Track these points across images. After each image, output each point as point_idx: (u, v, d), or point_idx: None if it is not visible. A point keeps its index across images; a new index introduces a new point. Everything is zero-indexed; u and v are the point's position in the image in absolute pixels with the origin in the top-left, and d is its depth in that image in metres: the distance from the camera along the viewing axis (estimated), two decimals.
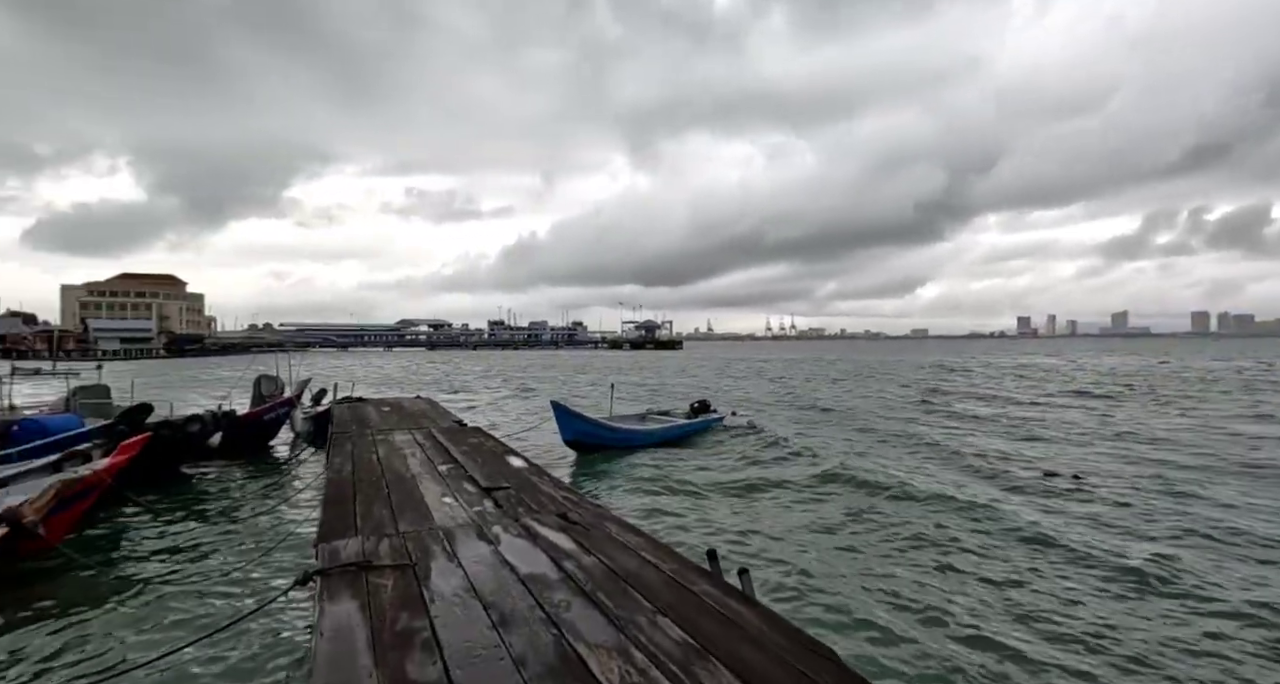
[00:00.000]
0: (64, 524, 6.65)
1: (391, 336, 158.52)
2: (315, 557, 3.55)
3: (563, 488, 5.40)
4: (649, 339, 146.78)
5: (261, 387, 14.73)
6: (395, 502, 4.78)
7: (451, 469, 6.09)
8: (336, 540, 3.77)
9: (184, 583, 5.11)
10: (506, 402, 22.68)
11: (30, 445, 8.47)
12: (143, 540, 6.59)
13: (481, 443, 7.69)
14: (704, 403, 16.32)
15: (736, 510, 7.08)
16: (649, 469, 9.62)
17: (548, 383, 31.98)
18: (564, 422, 11.15)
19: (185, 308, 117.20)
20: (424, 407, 12.52)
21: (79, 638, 4.17)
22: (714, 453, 11.45)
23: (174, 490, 9.30)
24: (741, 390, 26.36)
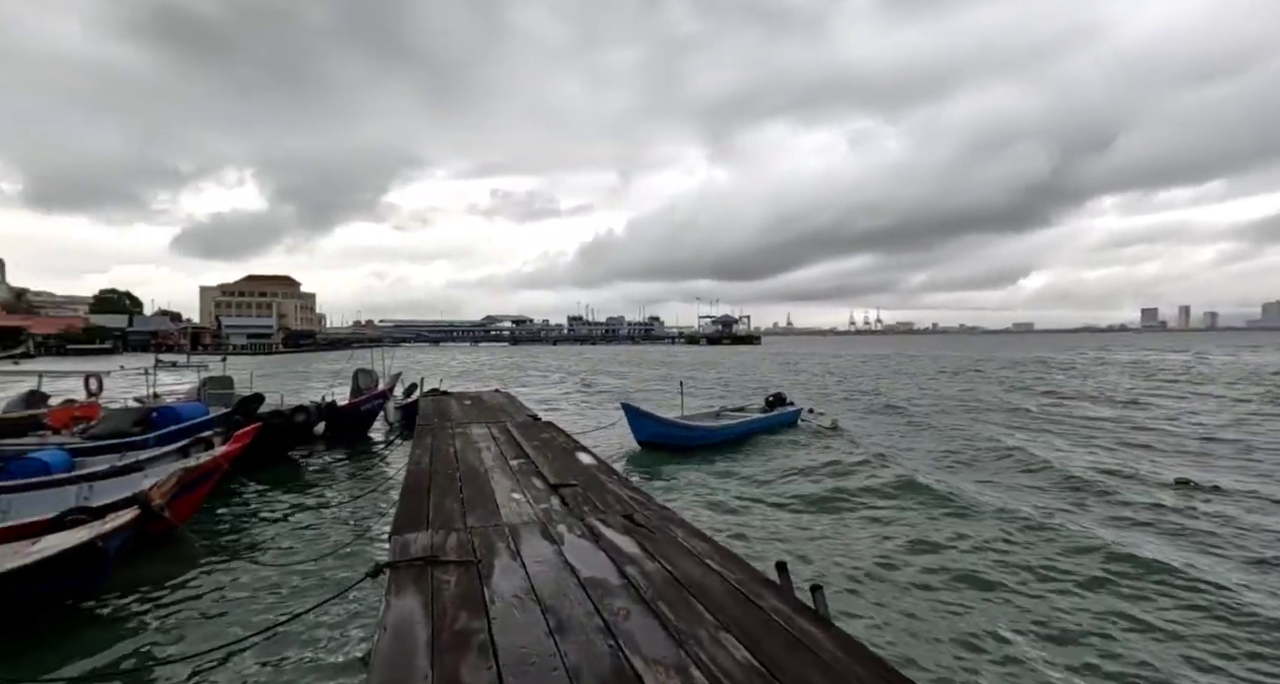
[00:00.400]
0: (188, 506, 7.41)
1: (478, 332, 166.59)
2: (389, 548, 3.68)
3: (630, 487, 5.32)
4: (725, 334, 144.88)
5: (359, 379, 15.88)
6: (466, 496, 4.90)
7: (522, 464, 6.19)
8: (408, 533, 3.90)
9: (281, 566, 5.51)
10: (580, 397, 23.10)
11: (165, 431, 9.49)
12: (250, 523, 7.21)
13: (553, 438, 7.79)
14: (779, 396, 15.78)
15: (810, 519, 6.64)
16: (719, 469, 9.40)
17: (620, 378, 32.31)
18: (636, 422, 11.16)
19: (299, 306, 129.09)
20: (502, 400, 12.95)
21: (185, 614, 4.58)
22: (787, 453, 11.00)
23: (282, 475, 10.15)
24: (818, 386, 25.33)
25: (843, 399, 20.67)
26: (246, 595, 4.81)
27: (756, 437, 12.86)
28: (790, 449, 11.43)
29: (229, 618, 4.42)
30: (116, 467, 7.70)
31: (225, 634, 4.05)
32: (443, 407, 11.78)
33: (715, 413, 15.18)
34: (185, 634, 4.23)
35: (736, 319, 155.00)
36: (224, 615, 4.48)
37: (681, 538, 3.97)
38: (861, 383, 27.46)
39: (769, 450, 11.25)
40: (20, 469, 7.48)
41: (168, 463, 7.73)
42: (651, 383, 29.05)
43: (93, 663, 3.86)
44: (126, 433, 9.42)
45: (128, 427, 9.57)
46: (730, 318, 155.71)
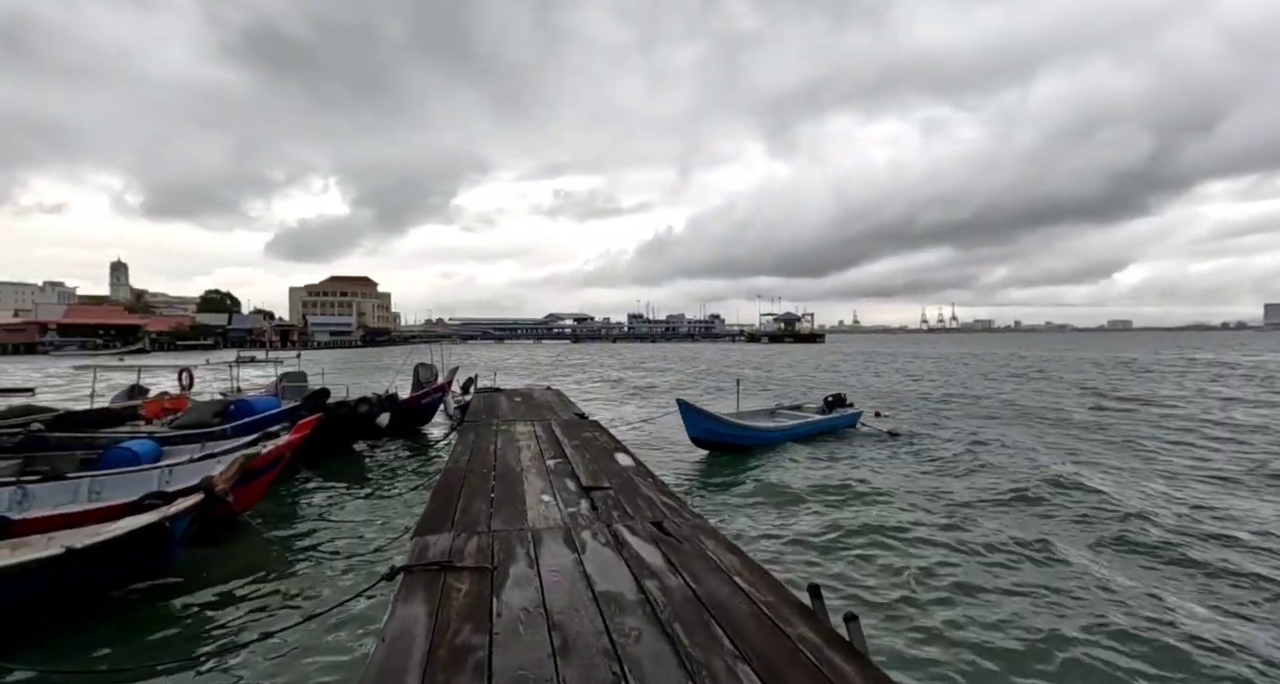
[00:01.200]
0: (253, 493, 7.82)
1: (540, 330, 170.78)
2: (409, 550, 3.64)
3: (664, 492, 5.10)
4: (787, 332, 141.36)
5: (420, 374, 16.47)
6: (496, 496, 4.84)
7: (559, 464, 6.10)
8: (430, 534, 3.85)
9: (326, 557, 5.68)
10: (632, 392, 23.02)
11: (240, 422, 10.10)
12: (306, 513, 7.51)
13: (594, 438, 7.67)
14: (839, 397, 15.10)
15: (856, 537, 6.08)
16: (768, 472, 8.98)
17: (675, 374, 32.02)
18: (689, 419, 10.93)
19: (376, 305, 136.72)
20: (551, 398, 13.01)
21: (222, 603, 4.76)
22: (842, 459, 10.42)
23: (344, 466, 10.61)
24: (884, 386, 24.06)
25: (907, 401, 19.53)
26: (285, 588, 4.95)
27: (812, 439, 12.33)
28: (846, 455, 10.83)
29: (262, 610, 4.55)
30: (194, 456, 8.26)
31: (251, 627, 4.17)
32: (493, 403, 11.97)
33: (771, 411, 14.72)
34: (214, 623, 4.38)
35: (799, 316, 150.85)
36: (259, 609, 4.60)
37: (711, 550, 3.71)
38: (932, 384, 25.90)
39: (823, 455, 10.70)
40: (114, 457, 8.14)
41: (238, 452, 8.22)
42: (704, 378, 28.65)
43: (130, 646, 4.05)
44: (207, 424, 10.10)
45: (208, 418, 10.26)
46: (792, 315, 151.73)
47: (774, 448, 11.17)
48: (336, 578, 5.08)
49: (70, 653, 3.96)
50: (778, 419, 14.09)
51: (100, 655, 3.93)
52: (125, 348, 70.40)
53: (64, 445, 9.09)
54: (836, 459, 10.40)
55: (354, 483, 9.18)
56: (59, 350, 66.51)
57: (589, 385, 26.69)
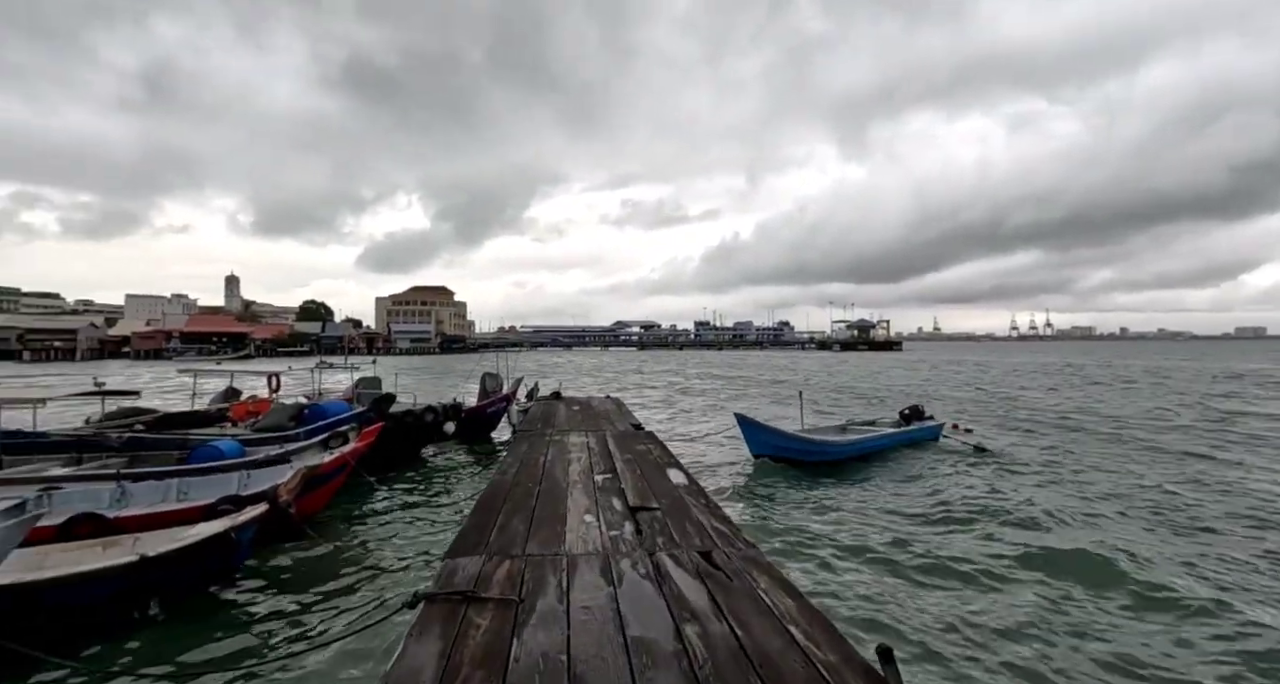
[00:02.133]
0: (320, 499, 8.05)
1: (608, 337, 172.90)
2: (436, 574, 3.44)
3: (716, 515, 4.67)
4: (861, 339, 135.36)
5: (486, 383, 16.79)
6: (537, 515, 4.59)
7: (607, 480, 5.80)
8: (462, 556, 3.63)
9: (375, 571, 5.66)
10: (694, 402, 22.49)
11: (313, 426, 10.54)
12: (365, 522, 7.60)
13: (647, 451, 7.33)
14: (916, 409, 13.98)
15: (940, 579, 5.21)
16: (837, 493, 8.29)
17: (738, 383, 31.14)
18: (750, 434, 10.41)
19: (453, 313, 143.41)
20: (610, 407, 12.80)
21: (270, 615, 4.78)
22: (922, 479, 9.49)
23: (411, 472, 10.84)
24: (965, 398, 22.20)
25: (995, 413, 17.86)
26: (327, 605, 4.91)
27: (887, 455, 11.40)
28: (926, 474, 9.89)
29: (298, 625, 4.53)
30: (270, 456, 8.65)
31: (277, 645, 4.13)
32: (550, 412, 11.89)
33: (841, 426, 13.82)
34: (240, 639, 4.38)
35: (874, 323, 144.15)
36: (296, 624, 4.59)
37: (764, 589, 3.26)
38: (1020, 395, 23.68)
39: (900, 474, 9.82)
40: (201, 456, 8.64)
41: (311, 454, 8.52)
42: (767, 387, 27.63)
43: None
44: (284, 427, 10.60)
45: (285, 421, 10.77)
46: (867, 322, 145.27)
47: (843, 465, 10.41)
48: (384, 591, 5.03)
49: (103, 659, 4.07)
50: (848, 435, 13.21)
51: (123, 663, 4.01)
52: (234, 354, 77.51)
53: (161, 445, 9.81)
54: (914, 478, 9.51)
55: (415, 492, 9.30)
56: (180, 355, 74.02)
57: (648, 393, 26.42)
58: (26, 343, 71.68)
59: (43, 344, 72.12)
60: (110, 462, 8.93)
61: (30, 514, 4.69)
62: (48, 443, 9.61)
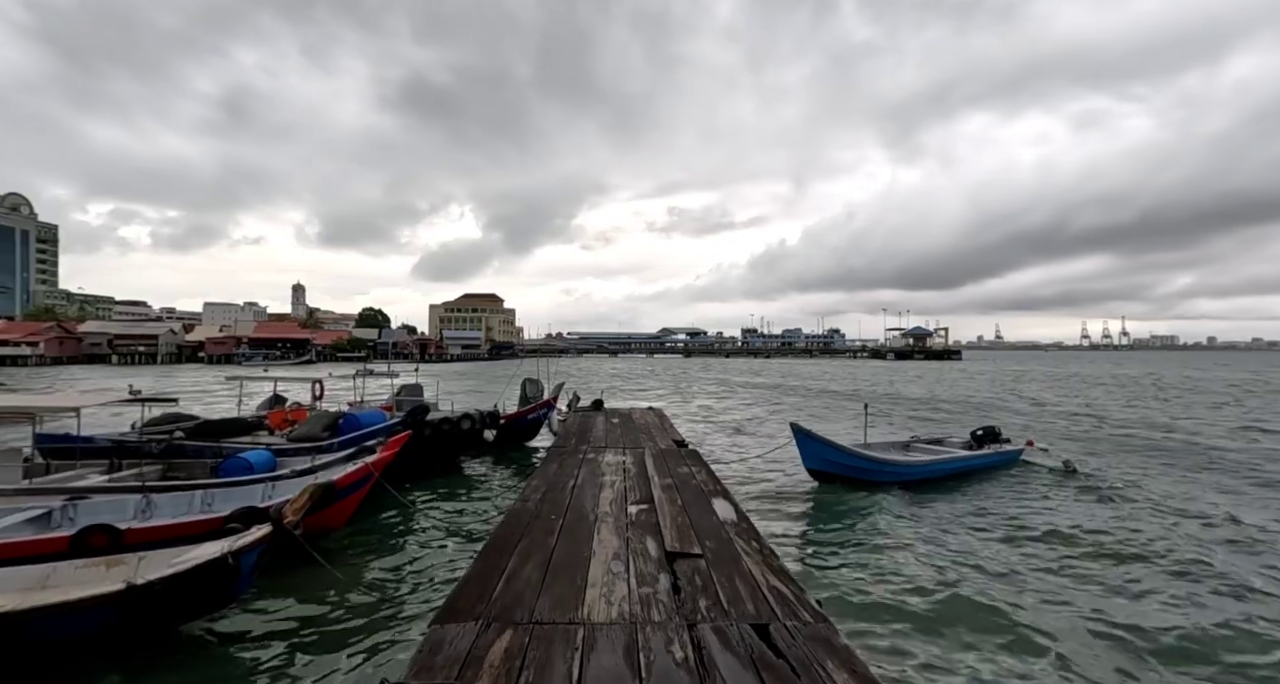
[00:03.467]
0: (344, 512, 7.59)
1: (653, 344, 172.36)
2: (417, 649, 2.72)
3: (772, 567, 3.78)
4: (917, 348, 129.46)
5: (526, 389, 16.32)
6: (555, 559, 3.83)
7: (642, 512, 4.98)
8: (453, 623, 2.90)
9: (389, 605, 5.05)
10: (742, 411, 21.37)
11: (346, 436, 10.21)
12: (386, 540, 7.07)
13: (690, 474, 6.48)
14: (991, 430, 12.58)
15: (1067, 644, 4.09)
16: (910, 522, 7.18)
17: (785, 392, 29.67)
18: (806, 447, 9.45)
19: (502, 320, 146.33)
20: (650, 421, 11.99)
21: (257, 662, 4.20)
22: (1011, 506, 8.23)
23: (445, 482, 10.37)
24: (1037, 413, 20.15)
25: (1075, 431, 15.99)
26: (320, 663, 4.31)
27: (960, 479, 10.20)
28: (1011, 496, 8.63)
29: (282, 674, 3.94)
30: (296, 470, 8.30)
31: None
32: (588, 424, 11.19)
33: (904, 443, 12.59)
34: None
35: (931, 331, 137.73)
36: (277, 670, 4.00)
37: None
38: (1100, 409, 21.38)
39: (980, 500, 8.60)
40: (231, 466, 8.37)
41: (338, 467, 8.12)
42: (816, 397, 26.03)
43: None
44: (317, 437, 10.31)
45: (318, 431, 10.49)
46: (923, 329, 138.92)
47: (910, 487, 9.29)
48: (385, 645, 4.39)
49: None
50: (912, 453, 11.99)
51: None
52: (296, 358, 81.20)
53: (199, 453, 9.67)
54: (993, 505, 8.28)
55: (444, 506, 8.78)
56: (248, 360, 78.07)
57: (693, 402, 25.43)
58: (115, 347, 77.24)
59: (129, 348, 77.54)
60: (146, 470, 8.81)
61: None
62: (89, 448, 9.64)
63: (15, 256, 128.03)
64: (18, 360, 66.20)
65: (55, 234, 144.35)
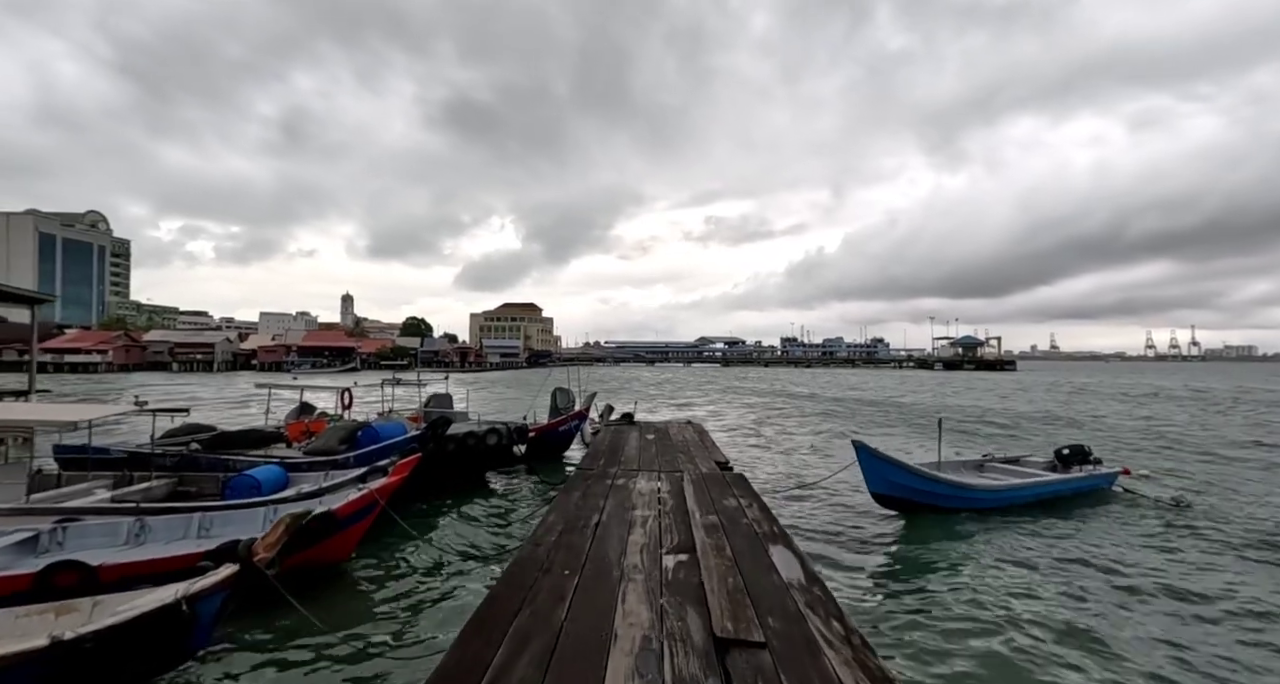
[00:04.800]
0: (348, 543, 6.81)
1: (690, 353, 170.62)
2: None
3: (868, 667, 2.66)
4: (967, 358, 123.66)
5: (557, 399, 15.45)
6: (561, 647, 2.78)
7: (681, 565, 3.91)
8: None
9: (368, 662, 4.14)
10: (792, 426, 19.94)
11: (364, 450, 9.50)
12: (391, 578, 6.22)
13: (740, 511, 5.35)
14: (1080, 449, 11.13)
15: None
16: (1000, 565, 5.89)
17: (829, 403, 27.91)
18: (871, 468, 8.34)
19: (540, 329, 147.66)
20: (689, 436, 10.86)
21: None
22: (1120, 541, 6.83)
23: (467, 501, 9.58)
24: (1110, 430, 17.99)
25: (1172, 454, 14.01)
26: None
27: (1047, 505, 9.02)
28: (1113, 528, 7.21)
29: None
30: (303, 492, 7.60)
31: None
32: (619, 441, 10.14)
33: (977, 463, 11.25)
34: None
35: (982, 340, 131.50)
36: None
37: None
38: (1202, 432, 19.00)
39: (1075, 538, 7.22)
40: (238, 485, 7.74)
41: (348, 489, 7.38)
42: (864, 409, 24.19)
43: None
44: (333, 451, 9.65)
45: (335, 444, 9.83)
46: (973, 339, 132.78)
47: (987, 515, 8.11)
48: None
49: None
50: (986, 474, 10.63)
51: None
52: (342, 366, 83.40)
53: (213, 465, 9.13)
54: (1096, 541, 6.89)
55: (461, 534, 7.91)
56: (296, 367, 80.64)
57: (734, 413, 24.09)
58: (175, 355, 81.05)
59: (188, 356, 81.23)
60: (156, 484, 8.30)
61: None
62: (102, 460, 9.23)
63: (93, 270, 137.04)
64: (89, 367, 70.14)
65: (128, 248, 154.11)
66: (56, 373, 65.10)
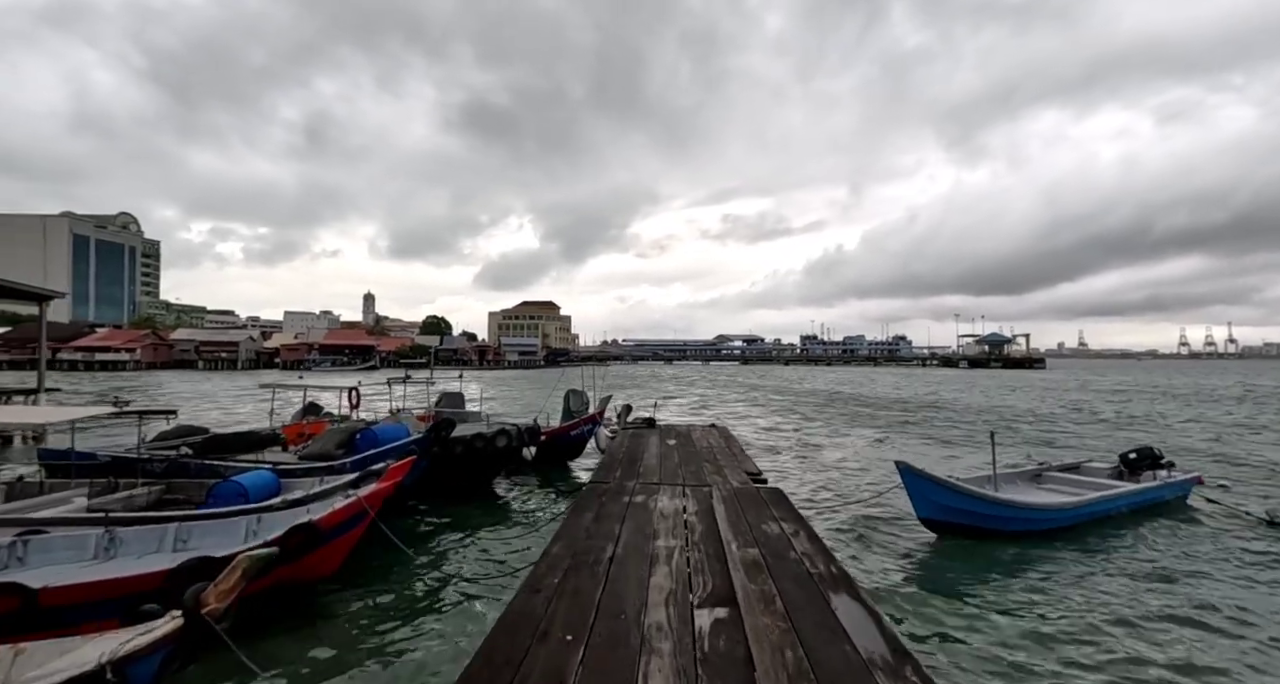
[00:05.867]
0: (330, 558, 6.07)
1: (709, 351, 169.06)
2: None
3: None
4: (994, 356, 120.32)
5: (570, 401, 14.59)
6: None
7: (719, 622, 3.01)
8: None
9: None
10: (825, 433, 18.86)
11: (362, 455, 8.78)
12: (358, 624, 5.40)
13: (785, 539, 4.43)
14: (1147, 451, 10.07)
15: None
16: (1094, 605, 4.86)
17: (855, 405, 26.65)
18: (918, 490, 7.38)
19: (558, 327, 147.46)
20: (715, 442, 9.93)
21: None
22: (1220, 569, 5.73)
23: (472, 514, 8.83)
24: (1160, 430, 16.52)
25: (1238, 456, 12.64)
26: None
27: (1116, 522, 8.05)
28: (1202, 552, 6.11)
29: None
30: (288, 499, 6.88)
31: None
32: (637, 447, 9.25)
33: (1033, 473, 10.16)
34: None
35: (1009, 338, 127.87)
36: None
37: None
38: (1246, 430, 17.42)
39: (1167, 559, 6.13)
40: (223, 492, 7.05)
41: (336, 497, 6.64)
42: (889, 408, 22.85)
43: None
44: (330, 455, 8.97)
45: (332, 448, 9.14)
46: (1000, 336, 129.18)
47: (1059, 536, 7.11)
48: None
49: None
50: (1044, 486, 9.57)
51: None
52: (362, 364, 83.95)
53: (202, 471, 8.50)
54: (1185, 570, 5.79)
55: (462, 549, 7.11)
56: (317, 365, 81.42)
57: (761, 415, 23.04)
58: (201, 353, 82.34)
59: (213, 355, 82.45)
60: (139, 492, 7.67)
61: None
62: (87, 466, 8.66)
63: (124, 270, 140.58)
64: (118, 365, 71.53)
65: (158, 249, 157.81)
66: (87, 370, 66.46)
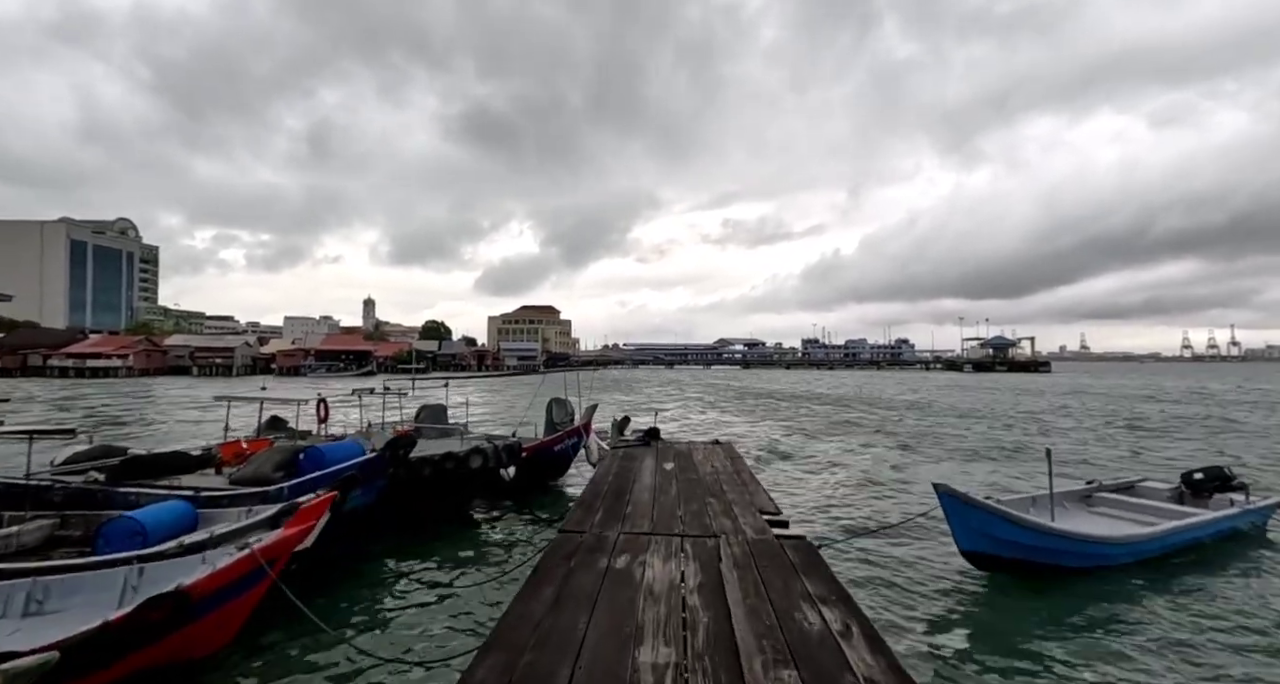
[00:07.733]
0: (214, 634, 4.66)
1: (710, 355, 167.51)
2: None
3: None
4: (998, 359, 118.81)
5: (553, 412, 13.14)
6: None
7: None
8: None
9: None
10: (839, 441, 17.39)
11: (303, 478, 7.38)
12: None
13: (830, 641, 2.96)
14: (1218, 473, 8.95)
15: None
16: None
17: (861, 409, 25.15)
18: (960, 518, 6.14)
19: (558, 332, 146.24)
20: (721, 464, 8.46)
21: None
22: None
23: (433, 549, 7.46)
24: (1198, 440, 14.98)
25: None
26: None
27: (1185, 554, 7.01)
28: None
29: None
30: (184, 544, 5.45)
31: None
32: (628, 473, 7.76)
33: (1084, 493, 8.92)
34: None
35: (1013, 341, 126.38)
36: None
37: None
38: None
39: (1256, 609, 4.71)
40: (113, 532, 5.63)
41: (247, 537, 5.23)
42: (905, 413, 21.28)
43: None
44: (266, 478, 7.57)
45: (269, 471, 7.72)
46: (1004, 340, 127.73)
47: (1135, 578, 5.93)
48: None
49: None
50: (1097, 508, 8.30)
51: None
52: (359, 370, 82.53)
53: (112, 501, 7.10)
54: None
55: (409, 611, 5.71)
56: (313, 371, 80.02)
57: (765, 433, 21.57)
58: (196, 360, 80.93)
59: (208, 361, 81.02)
60: (24, 528, 6.27)
61: None
62: None
63: (122, 276, 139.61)
64: (109, 372, 70.14)
65: (156, 255, 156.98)
66: (77, 377, 65.04)
